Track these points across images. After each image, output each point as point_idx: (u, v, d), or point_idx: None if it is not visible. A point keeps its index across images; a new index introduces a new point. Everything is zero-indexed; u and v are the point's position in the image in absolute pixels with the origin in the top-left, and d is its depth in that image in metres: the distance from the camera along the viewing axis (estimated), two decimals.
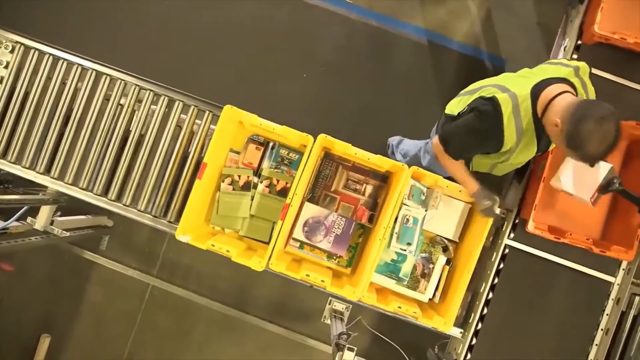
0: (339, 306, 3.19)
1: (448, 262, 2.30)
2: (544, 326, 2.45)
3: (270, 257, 2.11)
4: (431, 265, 2.27)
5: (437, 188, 2.27)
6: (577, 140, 1.61)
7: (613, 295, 2.43)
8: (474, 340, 2.41)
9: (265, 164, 2.39)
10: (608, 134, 1.57)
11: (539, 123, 1.80)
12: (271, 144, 2.39)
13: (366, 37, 3.12)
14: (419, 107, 3.04)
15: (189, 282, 3.16)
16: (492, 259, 2.41)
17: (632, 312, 2.65)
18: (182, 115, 2.47)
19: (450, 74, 3.13)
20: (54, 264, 3.21)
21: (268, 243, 2.28)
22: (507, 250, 2.42)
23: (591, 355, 2.43)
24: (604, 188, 2.00)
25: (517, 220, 2.43)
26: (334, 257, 2.35)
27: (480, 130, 1.88)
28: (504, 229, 2.42)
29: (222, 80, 3.08)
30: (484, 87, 1.94)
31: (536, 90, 1.78)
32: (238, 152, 2.40)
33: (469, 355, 2.41)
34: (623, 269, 2.43)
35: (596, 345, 2.43)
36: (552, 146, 2.11)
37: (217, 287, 3.15)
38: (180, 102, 2.45)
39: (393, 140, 3.05)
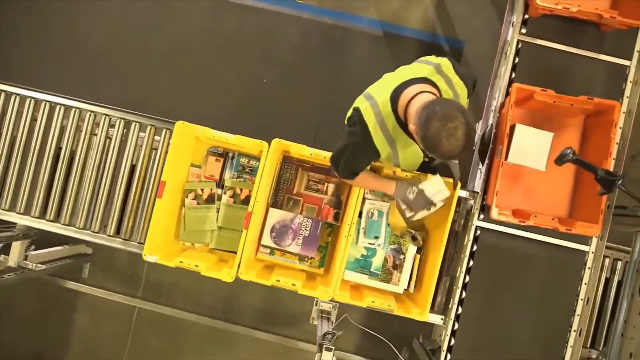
0: (326, 306, 3.18)
1: (419, 250, 2.30)
2: (524, 302, 2.44)
3: (238, 267, 2.12)
4: (402, 256, 2.27)
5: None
6: (428, 142, 1.57)
7: (589, 264, 2.42)
8: (456, 325, 2.41)
9: (227, 174, 2.39)
10: (454, 130, 1.53)
11: (406, 126, 1.76)
12: (231, 154, 2.39)
13: (321, 35, 3.12)
14: None
15: (174, 299, 3.17)
16: (465, 242, 2.41)
17: (616, 278, 2.66)
18: (141, 134, 2.47)
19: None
20: (39, 298, 3.22)
21: None
22: (478, 232, 2.41)
23: (574, 326, 2.42)
24: (559, 160, 2.01)
25: (484, 202, 2.43)
26: (306, 259, 2.35)
27: (355, 145, 1.85)
28: (472, 210, 2.42)
29: (182, 97, 3.09)
30: (363, 93, 1.89)
31: (395, 94, 1.75)
32: (199, 166, 2.41)
33: (452, 341, 2.41)
34: (596, 237, 2.43)
35: (578, 315, 2.42)
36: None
37: (204, 302, 3.16)
38: (137, 124, 2.45)
39: None
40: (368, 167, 2.05)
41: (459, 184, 2.10)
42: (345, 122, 1.99)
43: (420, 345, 2.54)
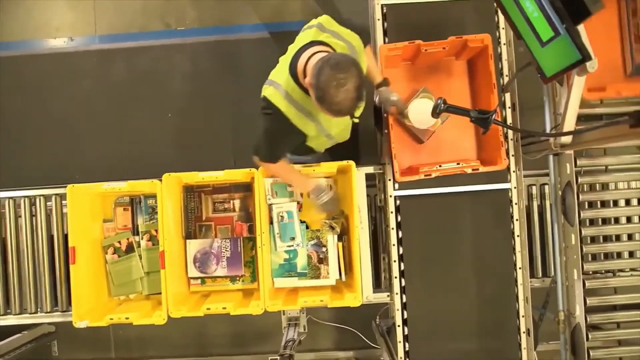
0: (292, 313, 3.19)
1: (341, 238, 2.30)
2: (464, 256, 2.44)
3: (167, 307, 2.13)
4: (324, 249, 2.27)
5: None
6: (319, 92, 1.58)
7: (514, 199, 2.42)
8: (404, 298, 2.41)
9: (139, 219, 2.39)
10: (344, 81, 1.55)
11: None
12: (137, 200, 2.39)
13: (210, 55, 3.12)
14: None
15: (147, 349, 3.17)
16: (388, 215, 2.41)
17: (548, 201, 2.65)
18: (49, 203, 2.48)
19: None
20: None
21: None
22: (398, 202, 2.41)
23: (518, 264, 2.41)
24: (433, 112, 2.00)
25: (395, 170, 2.42)
26: (237, 278, 2.35)
27: (276, 131, 1.86)
28: (387, 182, 2.41)
29: (91, 154, 3.08)
30: (266, 81, 1.90)
31: (292, 68, 1.77)
32: (111, 220, 2.41)
33: (405, 314, 2.40)
34: (514, 171, 2.42)
35: (519, 252, 2.42)
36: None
37: (176, 343, 3.16)
38: (41, 197, 2.46)
39: None
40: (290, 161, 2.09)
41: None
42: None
43: (377, 326, 2.54)
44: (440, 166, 2.28)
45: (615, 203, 2.51)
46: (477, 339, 2.43)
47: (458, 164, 2.27)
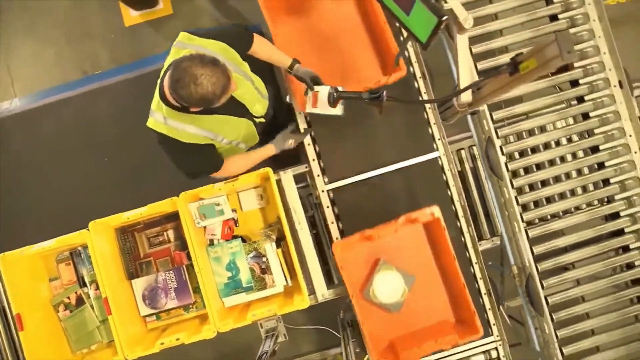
0: (269, 324, 3.19)
1: (280, 244, 2.29)
2: None
3: (122, 351, 2.13)
4: (265, 259, 2.26)
5: (226, 191, 2.27)
6: (179, 95, 1.63)
7: (445, 166, 2.41)
8: None
9: (84, 270, 2.40)
10: (194, 78, 1.59)
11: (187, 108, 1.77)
12: (77, 252, 2.40)
13: (131, 92, 3.11)
14: None
15: None
16: (324, 210, 2.40)
17: (479, 162, 2.64)
18: None
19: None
20: None
21: None
22: (332, 195, 2.41)
23: (463, 229, 2.40)
24: (330, 102, 2.01)
25: (322, 164, 2.41)
26: (190, 306, 2.35)
27: (183, 151, 1.88)
28: (315, 178, 2.40)
29: (31, 218, 3.09)
30: None
31: (161, 93, 1.79)
32: (57, 277, 2.42)
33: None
34: (438, 139, 2.41)
35: (462, 217, 2.41)
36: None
37: None
38: None
39: None
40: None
41: None
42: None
43: (340, 321, 2.53)
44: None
45: (548, 146, 2.50)
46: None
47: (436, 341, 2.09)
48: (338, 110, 2.15)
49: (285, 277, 2.27)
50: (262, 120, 2.19)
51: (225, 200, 2.26)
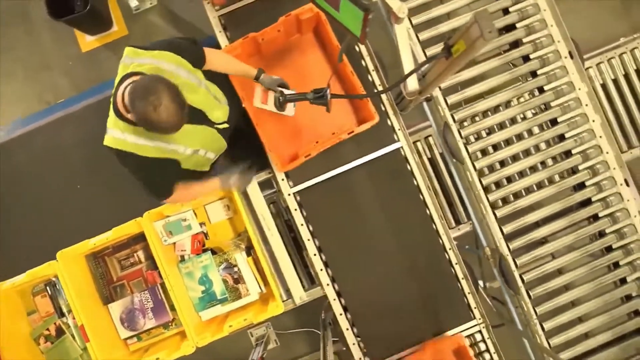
0: (259, 332, 3.21)
1: (249, 252, 2.30)
2: (380, 227, 2.43)
3: None
4: (236, 269, 2.26)
5: (191, 206, 2.27)
6: (144, 122, 1.63)
7: (408, 155, 2.41)
8: (337, 286, 2.40)
9: (60, 300, 2.39)
10: (158, 101, 1.57)
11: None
12: (52, 282, 2.40)
13: (97, 115, 3.05)
14: None
15: None
16: (293, 213, 2.40)
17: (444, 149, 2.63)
18: None
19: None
20: None
21: None
22: (298, 198, 2.40)
23: (433, 216, 2.40)
24: (278, 108, 2.01)
25: (275, 163, 2.40)
26: (169, 324, 2.35)
27: (144, 169, 1.86)
28: (280, 183, 2.40)
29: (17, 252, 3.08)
30: None
31: (115, 110, 1.77)
32: (35, 311, 2.42)
33: (343, 301, 2.40)
34: (398, 129, 2.41)
35: (430, 205, 2.41)
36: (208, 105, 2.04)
37: None
38: None
39: None
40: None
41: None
42: None
43: (322, 321, 2.53)
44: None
45: (505, 126, 2.49)
46: (422, 300, 2.42)
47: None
48: (290, 112, 2.15)
49: (259, 284, 2.26)
50: (226, 126, 2.15)
51: (192, 215, 2.26)
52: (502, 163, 2.43)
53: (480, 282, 2.64)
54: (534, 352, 2.34)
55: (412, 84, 1.98)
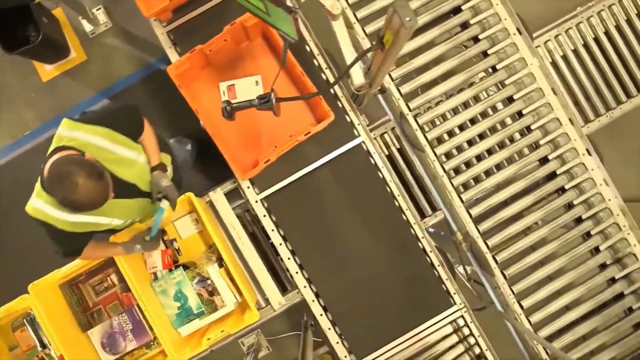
0: (249, 340, 3.20)
1: (221, 264, 2.29)
2: (351, 223, 2.43)
3: None
4: (209, 281, 2.26)
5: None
6: (66, 206, 1.64)
7: (370, 149, 2.41)
8: (314, 288, 2.40)
9: (41, 333, 2.38)
10: (73, 184, 1.59)
11: None
12: (30, 316, 2.39)
13: None
14: None
15: None
16: (262, 220, 2.39)
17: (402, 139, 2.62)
18: None
19: (151, 104, 3.11)
20: None
21: None
22: (266, 204, 2.40)
23: (403, 207, 2.40)
24: (227, 117, 2.00)
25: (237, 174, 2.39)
26: (151, 343, 2.35)
27: (60, 237, 1.84)
28: (246, 191, 2.40)
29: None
30: None
31: (42, 181, 1.76)
32: (17, 345, 2.42)
33: (322, 301, 2.39)
34: (358, 124, 2.41)
35: (398, 196, 2.41)
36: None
37: None
38: None
39: None
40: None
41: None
42: None
43: (304, 323, 2.53)
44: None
45: (461, 110, 2.49)
46: (401, 291, 2.42)
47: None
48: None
49: (234, 294, 2.26)
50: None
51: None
52: (463, 147, 2.42)
53: (460, 268, 2.65)
54: (516, 332, 2.34)
55: (358, 77, 1.98)
